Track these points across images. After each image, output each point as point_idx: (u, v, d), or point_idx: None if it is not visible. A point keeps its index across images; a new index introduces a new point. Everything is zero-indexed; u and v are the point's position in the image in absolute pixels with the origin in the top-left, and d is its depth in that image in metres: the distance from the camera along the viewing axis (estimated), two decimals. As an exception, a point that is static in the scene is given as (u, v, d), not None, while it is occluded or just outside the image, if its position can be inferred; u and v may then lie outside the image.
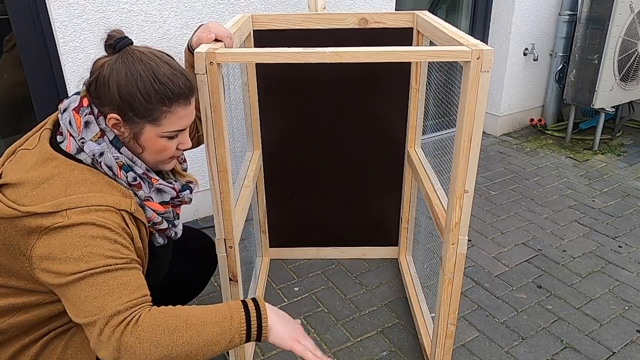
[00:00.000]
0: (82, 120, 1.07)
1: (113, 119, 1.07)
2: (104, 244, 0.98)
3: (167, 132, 1.11)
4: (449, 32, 1.35)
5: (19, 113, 2.20)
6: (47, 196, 1.00)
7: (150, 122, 1.08)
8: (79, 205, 0.99)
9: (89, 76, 1.09)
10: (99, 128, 1.07)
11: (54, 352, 1.12)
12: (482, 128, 1.23)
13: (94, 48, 2.06)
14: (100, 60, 1.08)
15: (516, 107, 3.69)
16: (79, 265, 0.96)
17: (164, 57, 1.10)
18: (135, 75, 1.04)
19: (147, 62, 1.06)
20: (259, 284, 2.08)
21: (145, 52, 1.08)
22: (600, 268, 2.24)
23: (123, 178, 1.09)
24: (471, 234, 2.49)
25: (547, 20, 3.50)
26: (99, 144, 1.07)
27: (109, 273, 0.97)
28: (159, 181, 1.16)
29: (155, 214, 1.17)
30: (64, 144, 1.08)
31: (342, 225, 2.24)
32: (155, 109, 1.07)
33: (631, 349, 1.81)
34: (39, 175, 1.03)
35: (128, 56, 1.06)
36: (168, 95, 1.07)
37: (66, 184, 1.02)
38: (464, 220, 1.34)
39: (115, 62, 1.06)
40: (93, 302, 0.95)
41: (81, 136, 1.07)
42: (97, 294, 0.95)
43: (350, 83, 1.96)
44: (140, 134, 1.10)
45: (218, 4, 2.29)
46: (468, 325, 1.92)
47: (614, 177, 3.08)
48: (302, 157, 2.10)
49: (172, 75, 1.08)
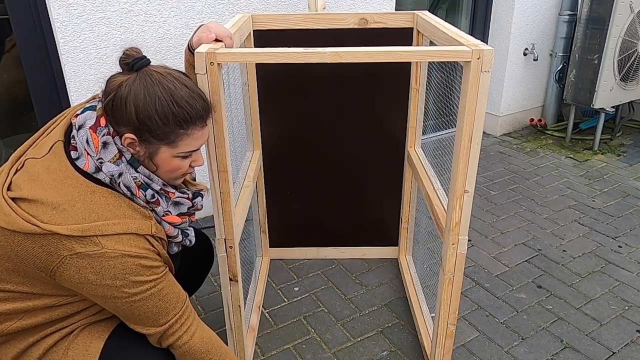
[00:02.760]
0: (100, 140, 1.06)
1: (129, 139, 1.07)
2: (139, 270, 1.05)
3: (182, 152, 1.12)
4: (449, 32, 1.35)
5: (19, 113, 2.20)
6: (70, 219, 1.00)
7: (167, 144, 1.09)
8: (106, 233, 1.01)
9: (104, 94, 1.08)
10: (117, 149, 1.08)
11: (57, 353, 1.12)
12: (482, 128, 1.23)
13: (94, 48, 2.06)
14: (117, 79, 1.07)
15: (516, 107, 3.69)
16: (123, 290, 1.05)
17: (182, 78, 1.10)
18: (154, 97, 1.04)
19: (165, 85, 1.06)
20: (259, 284, 2.08)
21: (164, 74, 1.07)
22: (600, 268, 2.24)
23: (141, 197, 1.10)
24: (471, 234, 2.49)
25: (547, 20, 3.50)
26: (117, 165, 1.07)
27: (153, 294, 1.09)
28: (176, 194, 1.18)
29: (172, 228, 1.18)
30: (80, 162, 1.07)
31: (342, 225, 2.24)
32: (173, 131, 1.08)
33: (631, 349, 1.81)
34: (59, 195, 1.02)
35: (147, 77, 1.06)
36: (185, 118, 1.07)
37: (89, 208, 1.03)
38: (464, 220, 1.34)
39: (133, 82, 1.05)
40: (144, 318, 1.11)
41: (99, 156, 1.06)
42: (141, 309, 1.09)
43: (350, 83, 1.96)
44: (155, 153, 1.11)
45: (218, 4, 2.29)
46: (468, 325, 1.92)
47: (614, 177, 3.08)
48: (302, 157, 2.10)
49: (190, 98, 1.08)
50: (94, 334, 1.15)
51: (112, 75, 1.09)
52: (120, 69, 1.10)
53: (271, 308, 2.01)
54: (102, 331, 1.16)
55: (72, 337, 1.13)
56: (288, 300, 2.06)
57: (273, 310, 2.00)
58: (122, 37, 2.11)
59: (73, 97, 2.08)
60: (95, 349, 1.13)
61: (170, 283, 1.14)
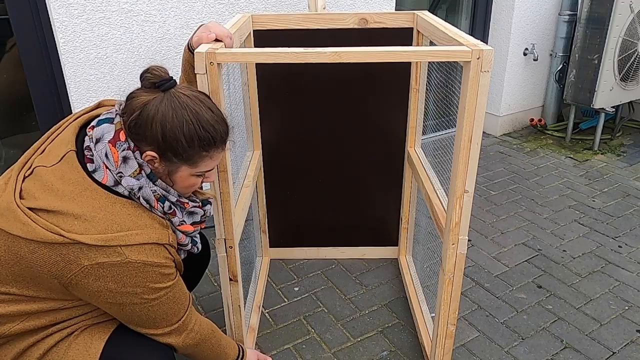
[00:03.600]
0: (120, 155, 1.08)
1: (150, 156, 1.09)
2: (158, 278, 1.11)
3: (200, 172, 1.16)
4: (449, 32, 1.35)
5: (19, 113, 2.20)
6: (92, 229, 1.02)
7: (187, 164, 1.13)
8: (129, 243, 1.04)
9: (127, 111, 1.09)
10: (138, 164, 1.09)
11: (57, 353, 1.13)
12: (482, 128, 1.23)
13: (94, 48, 2.06)
14: (141, 97, 1.08)
15: (516, 107, 3.69)
16: (142, 297, 1.10)
17: (207, 101, 1.13)
18: (181, 120, 1.07)
19: (192, 108, 1.08)
20: (259, 284, 2.08)
21: (191, 97, 1.10)
22: (600, 268, 2.24)
23: (159, 208, 1.13)
24: (471, 234, 2.49)
25: (547, 20, 3.50)
26: (137, 179, 1.09)
27: (169, 298, 1.15)
28: (190, 205, 1.21)
29: (184, 237, 1.21)
30: (98, 175, 1.08)
31: (342, 225, 2.24)
32: (196, 153, 1.11)
33: (631, 349, 1.81)
34: (80, 206, 1.04)
35: (175, 100, 1.08)
36: (210, 141, 1.11)
37: (111, 219, 1.05)
38: (464, 220, 1.34)
39: (160, 103, 1.07)
40: (159, 320, 1.17)
41: (119, 170, 1.08)
42: (156, 313, 1.15)
43: (350, 83, 1.96)
44: (174, 172, 1.14)
45: (218, 4, 2.29)
46: (468, 325, 1.92)
47: (614, 177, 3.08)
48: (302, 157, 2.10)
49: (215, 122, 1.12)
50: (94, 334, 1.16)
51: (135, 91, 1.11)
52: (141, 84, 1.11)
53: (271, 308, 2.01)
54: (103, 332, 1.17)
55: (72, 337, 1.14)
56: (288, 300, 2.06)
57: (273, 310, 2.00)
58: (122, 37, 2.11)
59: (73, 97, 2.08)
60: (96, 349, 1.14)
61: (181, 285, 1.20)
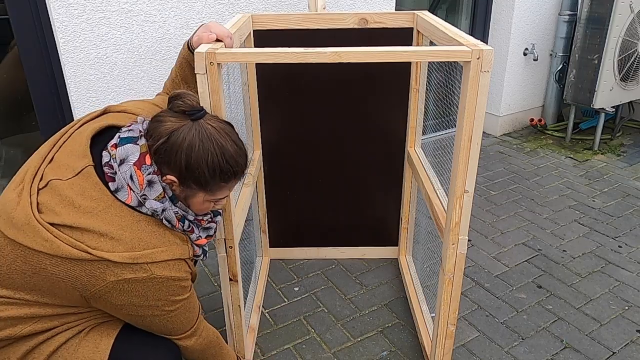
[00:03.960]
0: (145, 178, 1.10)
1: (170, 180, 1.12)
2: (179, 291, 1.15)
3: (216, 199, 1.20)
4: (449, 32, 1.35)
5: (19, 113, 2.20)
6: (119, 246, 1.04)
7: (205, 191, 1.16)
8: (155, 260, 1.08)
9: (154, 136, 1.10)
10: (162, 188, 1.12)
11: (68, 350, 1.13)
12: (482, 128, 1.23)
13: (94, 48, 2.06)
14: (168, 124, 1.10)
15: (516, 107, 3.69)
16: (163, 309, 1.14)
17: (232, 134, 1.16)
18: (207, 152, 1.10)
19: (219, 141, 1.11)
20: (259, 284, 2.08)
21: (218, 129, 1.12)
22: (600, 268, 2.24)
23: (179, 227, 1.17)
24: (471, 234, 2.49)
25: (547, 20, 3.50)
26: (161, 202, 1.12)
27: (186, 308, 1.20)
28: (206, 221, 1.25)
29: (199, 249, 1.25)
30: (122, 195, 1.09)
31: (342, 225, 2.24)
32: (216, 183, 1.15)
33: (631, 349, 1.81)
34: (105, 224, 1.05)
35: (203, 131, 1.10)
36: (230, 173, 1.15)
37: (138, 237, 1.08)
38: (464, 220, 1.34)
39: (189, 132, 1.09)
40: (177, 329, 1.22)
41: (143, 193, 1.10)
42: (174, 323, 1.20)
43: (350, 83, 1.96)
44: (191, 197, 1.17)
45: (218, 4, 2.29)
46: (468, 325, 1.92)
47: (614, 177, 3.08)
48: (302, 157, 2.10)
49: (238, 157, 1.15)
50: (103, 331, 1.17)
51: (162, 114, 1.13)
52: (168, 105, 1.14)
53: (271, 308, 2.01)
54: (112, 329, 1.18)
55: (82, 334, 1.15)
56: (288, 300, 2.06)
57: (273, 310, 2.00)
58: (122, 37, 2.11)
59: (73, 97, 2.08)
60: (105, 345, 1.15)
61: (194, 294, 1.25)
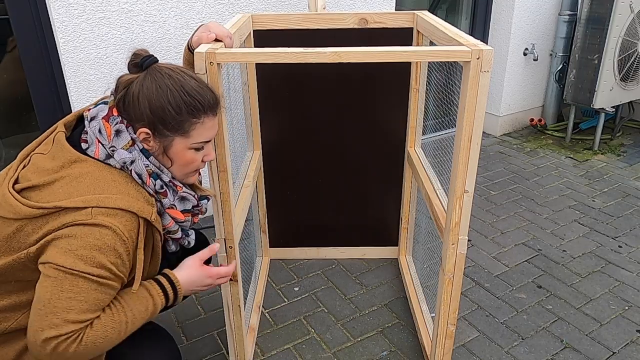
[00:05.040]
0: (113, 128, 1.09)
1: (143, 134, 1.10)
2: (110, 254, 1.02)
3: (195, 143, 1.15)
4: (449, 32, 1.35)
5: (19, 113, 2.20)
6: (74, 192, 1.03)
7: (180, 134, 1.13)
8: (107, 205, 1.03)
9: (115, 92, 1.11)
10: (130, 137, 1.10)
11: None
12: (482, 128, 1.23)
13: (94, 48, 2.06)
14: (126, 77, 1.11)
15: (516, 107, 3.69)
16: (77, 263, 0.99)
17: (189, 72, 1.15)
18: (165, 89, 1.08)
19: (175, 77, 1.10)
20: (259, 284, 2.08)
21: (172, 68, 1.12)
22: (600, 268, 2.24)
23: (151, 185, 1.13)
24: (471, 234, 2.49)
25: (547, 20, 3.50)
26: (130, 152, 1.10)
27: (95, 284, 1.02)
28: (183, 189, 1.20)
29: (173, 222, 1.20)
30: (90, 150, 1.10)
31: (342, 225, 2.24)
32: (186, 120, 1.11)
33: (631, 349, 1.81)
34: (67, 174, 1.05)
35: (156, 72, 1.10)
36: (197, 107, 1.11)
37: (95, 182, 1.06)
38: (464, 220, 1.34)
39: (144, 79, 1.09)
40: (62, 301, 0.99)
41: (112, 144, 1.09)
42: (71, 296, 1.00)
43: (350, 83, 1.96)
44: (170, 146, 1.14)
45: (218, 4, 2.29)
46: (468, 325, 1.92)
47: (614, 177, 3.08)
48: (302, 157, 2.10)
49: (200, 89, 1.12)
50: None
51: (121, 75, 1.13)
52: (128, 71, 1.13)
53: (271, 308, 2.01)
54: None
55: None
56: (288, 300, 2.06)
57: (273, 310, 2.00)
58: (122, 37, 2.11)
59: (73, 97, 2.08)
60: None
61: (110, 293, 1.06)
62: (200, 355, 1.78)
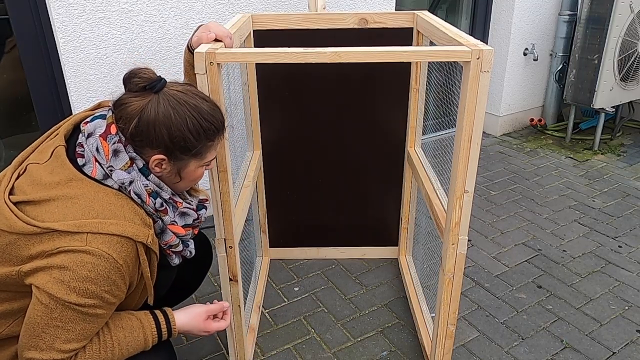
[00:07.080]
0: (111, 148, 1.07)
1: (157, 159, 1.10)
2: (103, 284, 1.01)
3: (207, 161, 1.18)
4: (449, 32, 1.35)
5: (19, 113, 2.20)
6: (69, 215, 1.01)
7: (195, 157, 1.14)
8: (100, 231, 1.00)
9: (123, 119, 1.07)
10: (129, 157, 1.08)
11: None
12: (482, 128, 1.23)
13: (94, 48, 2.06)
14: (134, 103, 1.07)
15: (516, 107, 3.69)
16: (70, 295, 0.99)
17: (199, 92, 1.15)
18: (184, 117, 1.08)
19: (190, 103, 1.10)
20: (259, 284, 2.08)
21: (184, 91, 1.10)
22: (600, 268, 2.24)
23: (151, 205, 1.12)
24: (471, 234, 2.49)
25: (547, 20, 3.50)
26: (128, 172, 1.08)
27: (84, 315, 1.02)
28: (183, 205, 1.20)
29: (175, 237, 1.19)
30: (87, 168, 1.07)
31: (342, 225, 2.24)
32: (204, 145, 1.13)
33: (631, 349, 1.81)
34: (63, 194, 1.03)
35: (171, 99, 1.08)
36: (214, 131, 1.14)
37: (90, 205, 1.03)
38: (464, 220, 1.34)
39: (158, 105, 1.07)
40: (51, 329, 1.00)
41: (109, 164, 1.07)
42: (60, 325, 1.00)
43: (350, 83, 1.96)
44: (183, 167, 1.15)
45: (218, 4, 2.29)
46: (468, 325, 1.92)
47: (614, 177, 3.08)
48: (302, 157, 2.10)
49: (213, 111, 1.13)
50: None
51: (124, 97, 1.09)
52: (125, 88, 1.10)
53: (271, 308, 2.01)
54: None
55: None
56: (288, 300, 2.06)
57: (273, 310, 2.00)
58: (122, 37, 2.11)
59: (73, 97, 2.08)
60: None
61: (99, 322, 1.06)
62: (200, 355, 1.78)
